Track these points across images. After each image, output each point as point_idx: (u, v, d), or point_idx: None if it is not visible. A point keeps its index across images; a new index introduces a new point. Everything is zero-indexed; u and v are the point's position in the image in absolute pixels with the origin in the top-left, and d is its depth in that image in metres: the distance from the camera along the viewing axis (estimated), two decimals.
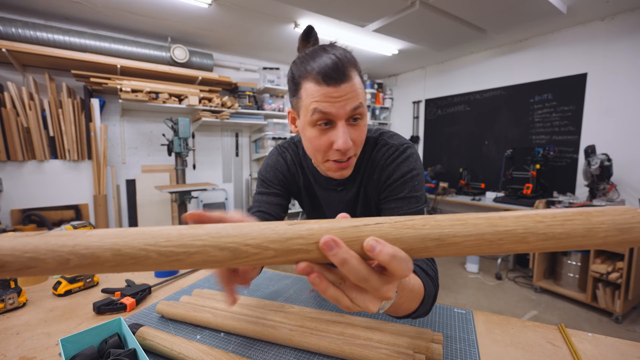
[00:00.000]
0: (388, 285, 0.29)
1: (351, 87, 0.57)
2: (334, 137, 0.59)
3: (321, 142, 0.60)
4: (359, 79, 0.60)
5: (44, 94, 2.82)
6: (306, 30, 0.66)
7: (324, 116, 0.58)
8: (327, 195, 0.79)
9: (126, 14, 2.77)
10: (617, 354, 0.61)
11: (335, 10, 2.59)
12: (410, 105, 4.83)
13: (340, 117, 0.58)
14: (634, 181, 2.77)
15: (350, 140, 0.59)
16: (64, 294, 0.90)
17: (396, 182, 0.67)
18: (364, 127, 0.62)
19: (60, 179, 2.88)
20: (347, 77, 0.56)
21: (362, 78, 0.62)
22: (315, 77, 0.56)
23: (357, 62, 0.61)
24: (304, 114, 0.60)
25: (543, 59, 3.33)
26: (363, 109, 0.60)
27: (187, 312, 0.74)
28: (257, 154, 4.16)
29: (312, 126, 0.60)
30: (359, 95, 0.58)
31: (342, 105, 0.57)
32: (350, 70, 0.57)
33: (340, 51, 0.59)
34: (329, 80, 0.55)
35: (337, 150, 0.60)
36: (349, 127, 0.60)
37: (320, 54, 0.58)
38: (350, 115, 0.58)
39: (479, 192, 3.79)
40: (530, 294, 2.86)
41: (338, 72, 0.55)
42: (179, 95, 3.24)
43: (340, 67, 0.56)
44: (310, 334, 0.65)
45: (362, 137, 0.62)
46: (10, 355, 0.63)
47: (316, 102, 0.57)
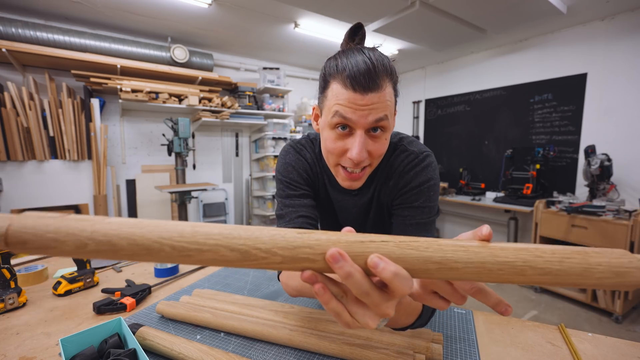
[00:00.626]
0: (388, 302, 0.30)
1: (379, 97, 0.53)
2: (350, 145, 0.56)
3: (336, 146, 0.58)
4: (391, 90, 0.56)
5: (44, 94, 2.82)
6: (354, 26, 0.61)
7: (344, 121, 0.55)
8: (340, 199, 0.76)
9: (126, 14, 2.77)
10: (617, 354, 0.61)
11: (335, 10, 2.59)
12: (410, 105, 4.83)
13: (359, 126, 0.55)
14: (634, 181, 2.77)
15: (365, 152, 0.56)
16: (64, 294, 0.90)
17: (412, 191, 0.66)
18: (384, 140, 0.58)
19: (60, 179, 2.88)
20: (377, 86, 0.53)
21: (395, 89, 0.58)
22: (344, 79, 0.53)
23: (394, 72, 0.57)
24: (326, 113, 0.58)
25: (543, 59, 3.33)
26: (387, 122, 0.56)
27: (187, 312, 0.74)
28: (257, 154, 4.16)
29: (330, 128, 0.58)
30: (386, 108, 0.54)
31: (365, 114, 0.53)
32: (383, 80, 0.53)
33: (377, 55, 0.55)
34: (357, 86, 0.52)
35: (350, 159, 0.57)
36: (368, 137, 0.56)
37: (355, 55, 0.54)
38: (371, 126, 0.55)
39: (479, 192, 3.78)
40: (530, 294, 2.86)
41: (368, 79, 0.52)
42: (179, 95, 3.24)
43: (372, 74, 0.52)
44: (310, 334, 0.65)
45: (381, 150, 0.58)
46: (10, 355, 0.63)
47: (339, 104, 0.54)
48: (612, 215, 2.41)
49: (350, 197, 0.75)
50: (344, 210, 0.78)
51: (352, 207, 0.76)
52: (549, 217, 2.74)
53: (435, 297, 0.36)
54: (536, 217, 2.83)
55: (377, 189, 0.73)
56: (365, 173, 0.61)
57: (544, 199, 2.93)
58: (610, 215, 2.42)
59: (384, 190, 0.72)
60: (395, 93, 0.59)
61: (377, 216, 0.76)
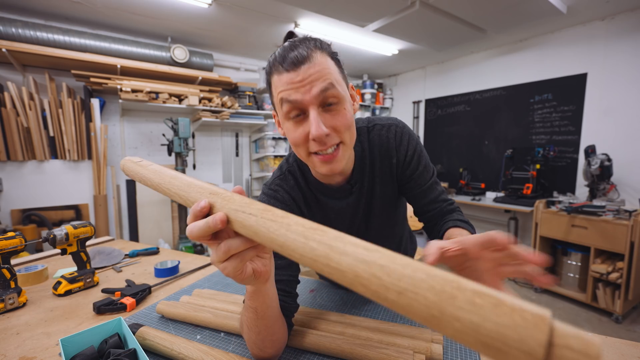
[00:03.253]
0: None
1: (314, 67, 0.52)
2: (308, 127, 0.54)
3: (297, 134, 0.55)
4: (328, 60, 0.55)
5: (44, 94, 2.82)
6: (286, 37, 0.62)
7: (292, 105, 0.53)
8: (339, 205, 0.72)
9: (126, 14, 2.77)
10: (617, 354, 0.61)
11: (335, 10, 2.59)
12: (410, 105, 4.83)
13: (309, 103, 0.53)
14: (634, 181, 2.77)
15: (324, 127, 0.53)
16: (64, 294, 0.90)
17: (413, 158, 0.70)
18: (344, 110, 0.56)
19: (60, 179, 2.88)
20: (306, 57, 0.52)
21: (335, 60, 0.57)
22: (276, 67, 0.53)
23: (325, 45, 0.56)
24: (278, 109, 0.57)
25: (543, 59, 3.33)
26: (336, 91, 0.53)
27: (187, 312, 0.74)
28: (257, 154, 4.16)
29: (286, 119, 0.56)
30: (326, 75, 0.53)
31: (308, 89, 0.52)
32: (312, 51, 0.53)
33: (299, 38, 0.56)
34: (288, 65, 0.52)
35: (314, 141, 0.54)
36: (324, 113, 0.54)
37: (284, 49, 0.54)
38: (321, 99, 0.53)
39: (479, 192, 3.78)
40: (530, 294, 2.86)
41: (297, 54, 0.52)
42: (179, 95, 3.24)
43: (299, 48, 0.52)
44: (311, 334, 0.65)
45: (344, 121, 0.55)
46: (10, 355, 0.63)
47: (281, 92, 0.53)
48: (612, 215, 2.41)
49: (352, 197, 0.71)
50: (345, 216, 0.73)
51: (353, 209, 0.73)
52: (549, 217, 2.74)
53: None
54: (536, 217, 2.83)
55: (372, 176, 0.71)
56: (340, 151, 0.57)
57: (544, 199, 2.93)
58: (610, 215, 2.42)
59: (385, 171, 0.71)
60: (337, 64, 0.57)
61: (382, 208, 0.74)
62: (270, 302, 0.51)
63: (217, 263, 0.38)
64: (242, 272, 0.40)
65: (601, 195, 2.75)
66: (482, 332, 0.20)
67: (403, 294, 0.23)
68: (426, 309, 0.22)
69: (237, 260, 0.37)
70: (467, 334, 0.20)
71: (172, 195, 0.40)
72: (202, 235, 0.35)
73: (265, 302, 0.50)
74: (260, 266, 0.43)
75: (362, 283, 0.25)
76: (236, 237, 0.37)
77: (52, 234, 0.89)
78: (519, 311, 0.20)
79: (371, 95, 4.83)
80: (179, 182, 0.40)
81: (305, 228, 0.30)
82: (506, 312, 0.20)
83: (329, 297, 0.90)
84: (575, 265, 2.68)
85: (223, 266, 0.38)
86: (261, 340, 0.55)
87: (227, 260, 0.37)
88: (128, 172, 0.49)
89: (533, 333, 0.19)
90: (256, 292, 0.48)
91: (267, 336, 0.55)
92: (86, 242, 0.96)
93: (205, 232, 0.35)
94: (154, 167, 0.46)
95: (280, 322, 0.56)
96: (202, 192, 0.37)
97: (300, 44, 0.54)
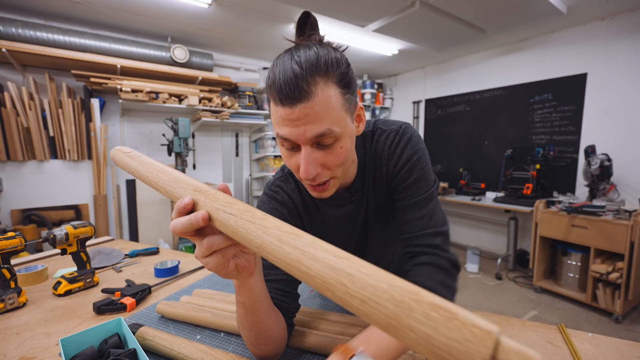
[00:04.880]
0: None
1: (311, 107, 0.46)
2: (300, 162, 0.51)
3: (290, 163, 0.54)
4: (331, 91, 0.48)
5: (44, 94, 2.82)
6: (301, 17, 0.54)
7: (284, 141, 0.51)
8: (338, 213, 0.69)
9: (126, 14, 2.77)
10: (617, 354, 0.61)
11: (335, 10, 2.59)
12: (410, 105, 4.83)
13: (301, 143, 0.50)
14: (634, 181, 2.77)
15: (314, 167, 0.50)
16: (64, 294, 0.90)
17: (404, 168, 0.62)
18: (339, 149, 0.51)
19: (60, 179, 2.88)
20: (305, 94, 0.46)
21: (342, 84, 0.50)
22: (274, 94, 0.48)
23: (331, 66, 0.48)
24: (275, 132, 0.54)
25: (543, 59, 3.33)
26: (333, 134, 0.49)
27: (187, 312, 0.74)
28: (257, 154, 4.16)
29: (281, 146, 0.54)
30: (324, 118, 0.47)
31: (302, 131, 0.48)
32: (313, 84, 0.46)
33: (304, 57, 0.47)
34: (284, 100, 0.47)
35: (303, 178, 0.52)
36: (317, 150, 0.51)
37: (284, 61, 0.48)
38: (315, 141, 0.49)
39: (479, 192, 3.78)
40: (530, 294, 2.86)
41: (293, 89, 0.45)
42: (179, 95, 3.24)
43: (299, 80, 0.45)
44: (310, 334, 0.65)
45: (337, 160, 0.52)
46: (10, 355, 0.63)
47: (277, 124, 0.50)
48: (612, 215, 2.41)
49: (352, 205, 0.69)
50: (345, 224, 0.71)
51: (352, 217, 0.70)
52: (549, 217, 2.74)
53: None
54: (536, 217, 2.83)
55: (372, 183, 0.68)
56: (330, 184, 0.55)
57: (544, 199, 2.93)
58: (610, 215, 2.42)
59: (379, 181, 0.67)
60: (344, 89, 0.50)
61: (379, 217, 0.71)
62: (257, 297, 0.50)
63: (200, 258, 0.39)
64: (224, 267, 0.41)
65: (601, 195, 2.75)
66: (434, 344, 0.21)
67: (366, 302, 0.24)
68: (386, 318, 0.23)
69: (219, 256, 0.39)
70: (420, 345, 0.22)
71: (159, 189, 0.42)
72: (185, 231, 0.36)
73: (252, 296, 0.50)
74: (244, 261, 0.44)
75: (329, 289, 0.26)
76: (219, 234, 0.38)
77: (52, 234, 0.89)
78: (469, 326, 0.21)
79: (371, 95, 4.83)
80: (166, 176, 0.41)
81: (282, 232, 0.30)
82: (457, 327, 0.21)
83: None
84: (575, 265, 2.68)
85: (205, 261, 0.39)
86: (254, 336, 0.55)
87: (210, 255, 0.39)
88: (117, 162, 0.49)
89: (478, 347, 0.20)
90: (241, 287, 0.48)
91: (259, 332, 0.54)
92: (86, 242, 0.96)
93: (187, 228, 0.36)
94: (142, 159, 0.46)
95: (272, 318, 0.55)
96: (187, 188, 0.38)
97: (301, 64, 0.46)
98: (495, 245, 3.87)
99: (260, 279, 0.51)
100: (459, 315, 0.21)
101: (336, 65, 0.49)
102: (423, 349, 0.22)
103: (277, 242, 0.30)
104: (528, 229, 3.43)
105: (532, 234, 2.89)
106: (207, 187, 0.38)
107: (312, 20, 0.54)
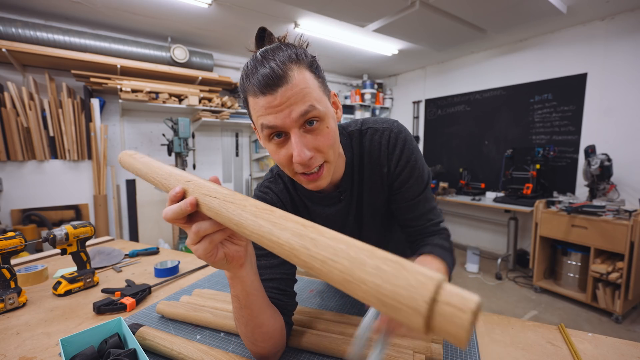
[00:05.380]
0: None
1: (291, 88, 0.48)
2: (291, 149, 0.52)
3: (280, 156, 0.54)
4: (308, 74, 0.51)
5: (44, 94, 2.82)
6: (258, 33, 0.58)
7: (272, 130, 0.51)
8: (327, 212, 0.69)
9: (126, 14, 2.77)
10: (617, 354, 0.61)
11: (335, 10, 2.59)
12: (410, 105, 4.83)
13: (289, 127, 0.50)
14: (634, 181, 2.77)
15: (307, 151, 0.51)
16: (64, 294, 0.90)
17: (406, 168, 0.65)
18: (326, 129, 0.53)
19: (60, 179, 2.88)
20: (282, 79, 0.48)
21: (314, 70, 0.53)
22: (252, 88, 0.50)
23: (300, 55, 0.52)
24: (258, 130, 0.55)
25: (543, 59, 3.33)
26: (317, 111, 0.51)
27: (187, 312, 0.75)
28: (257, 154, 4.16)
29: (268, 141, 0.54)
30: (305, 97, 0.50)
31: (287, 113, 0.49)
32: (289, 69, 0.49)
33: (275, 47, 0.52)
34: (264, 88, 0.48)
35: (297, 164, 0.53)
36: (306, 134, 0.52)
37: (254, 59, 0.51)
38: (302, 122, 0.51)
39: (479, 192, 3.78)
40: (530, 294, 2.86)
41: (271, 76, 0.48)
42: (179, 95, 3.24)
43: (275, 69, 0.48)
44: (310, 334, 0.65)
45: (327, 141, 0.53)
46: (10, 355, 0.63)
47: (260, 116, 0.51)
48: (612, 215, 2.41)
49: (341, 205, 0.69)
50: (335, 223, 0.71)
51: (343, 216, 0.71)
52: (549, 217, 2.74)
53: None
54: (536, 217, 2.83)
55: (364, 181, 0.68)
56: (324, 170, 0.56)
57: (544, 199, 2.93)
58: (610, 215, 2.42)
59: (375, 179, 0.67)
60: (316, 74, 0.53)
61: (373, 215, 0.72)
62: (250, 290, 0.51)
63: (191, 245, 0.41)
64: (212, 255, 0.42)
65: (601, 195, 2.75)
66: (382, 292, 0.23)
67: (325, 262, 0.26)
68: (342, 275, 0.25)
69: (207, 241, 0.41)
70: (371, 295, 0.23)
71: (157, 183, 0.45)
72: (175, 217, 0.39)
73: (244, 289, 0.50)
74: (233, 251, 0.45)
75: (295, 254, 0.28)
76: (207, 220, 0.40)
77: (52, 234, 0.89)
78: (414, 274, 0.22)
79: (371, 95, 4.83)
80: (163, 171, 0.45)
81: (258, 209, 0.33)
82: (404, 276, 0.22)
83: (329, 297, 0.90)
84: (575, 265, 2.68)
85: (195, 248, 0.41)
86: (250, 332, 0.55)
87: (199, 242, 0.41)
88: (124, 164, 0.54)
89: (421, 291, 0.21)
90: (233, 278, 0.49)
91: (255, 328, 0.54)
92: (86, 242, 0.96)
93: (178, 214, 0.38)
94: (144, 159, 0.51)
95: (268, 314, 0.55)
96: (180, 179, 0.41)
97: (273, 57, 0.49)
98: (495, 245, 3.87)
99: (252, 272, 0.51)
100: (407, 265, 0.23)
101: (303, 55, 0.53)
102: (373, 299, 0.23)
103: (253, 217, 0.32)
104: (528, 229, 3.43)
105: (532, 234, 2.89)
106: (197, 178, 0.41)
107: (268, 33, 0.58)
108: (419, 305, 0.21)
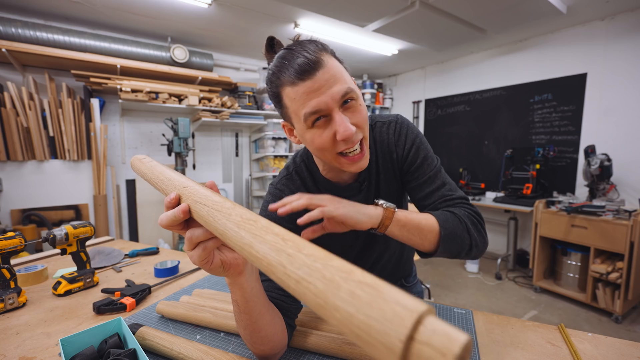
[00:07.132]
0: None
1: (328, 71, 0.53)
2: (334, 128, 0.55)
3: (324, 139, 0.57)
4: (336, 61, 0.56)
5: (44, 94, 2.82)
6: (267, 41, 0.62)
7: (316, 114, 0.54)
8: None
9: (126, 14, 2.77)
10: (617, 354, 0.61)
11: (335, 10, 2.59)
12: (410, 105, 4.83)
13: (332, 107, 0.54)
14: (634, 181, 2.77)
15: (350, 126, 0.55)
16: (64, 294, 0.90)
17: (411, 150, 0.69)
18: (360, 107, 0.58)
19: (60, 179, 2.88)
20: (318, 64, 0.52)
21: (339, 60, 0.59)
22: (291, 78, 0.53)
23: (326, 46, 0.57)
24: (297, 121, 0.58)
25: (543, 59, 3.33)
26: (353, 92, 0.56)
27: (187, 312, 0.74)
28: (257, 154, 4.16)
29: (310, 128, 0.57)
30: (341, 78, 0.54)
31: (330, 94, 0.53)
32: (321, 56, 0.54)
33: (302, 40, 0.57)
34: (303, 75, 0.52)
35: (343, 141, 0.56)
36: (345, 112, 0.56)
37: (284, 54, 0.55)
38: (341, 102, 0.55)
39: (479, 192, 3.78)
40: (530, 294, 2.86)
41: (309, 63, 0.52)
42: (179, 95, 3.24)
43: (309, 57, 0.52)
44: (310, 334, 0.65)
45: (363, 117, 0.59)
46: (10, 355, 0.63)
47: (302, 104, 0.54)
48: (612, 215, 2.41)
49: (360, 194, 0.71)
50: None
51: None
52: (548, 217, 2.74)
53: None
54: (536, 217, 2.83)
55: (379, 171, 0.71)
56: (364, 148, 0.60)
57: (543, 199, 2.93)
58: (610, 215, 2.42)
59: (388, 167, 0.71)
60: (340, 61, 0.59)
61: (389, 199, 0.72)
62: (249, 297, 0.50)
63: (187, 251, 0.42)
64: (208, 262, 0.42)
65: (601, 195, 2.75)
66: (355, 324, 0.20)
67: (300, 282, 0.23)
68: (315, 298, 0.22)
69: (201, 249, 0.41)
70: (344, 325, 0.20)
71: (158, 188, 0.46)
72: (170, 224, 0.39)
73: (244, 295, 0.50)
74: (231, 258, 0.45)
75: (272, 270, 0.26)
76: (200, 227, 0.40)
77: (52, 234, 0.89)
78: (391, 304, 0.19)
79: (371, 95, 4.83)
80: (163, 177, 0.45)
81: (242, 219, 0.32)
82: (380, 305, 0.19)
83: None
84: (575, 265, 2.68)
85: (190, 254, 0.41)
86: (249, 335, 0.55)
87: (194, 249, 0.41)
88: (134, 169, 0.55)
89: (396, 327, 0.18)
90: (233, 285, 0.49)
91: (253, 332, 0.54)
92: (86, 242, 0.96)
93: (171, 221, 0.39)
94: (151, 163, 0.51)
95: (267, 319, 0.55)
96: (176, 185, 0.41)
97: (302, 49, 0.53)
98: (495, 245, 3.87)
99: (253, 279, 0.51)
100: (384, 293, 0.20)
101: (327, 47, 0.58)
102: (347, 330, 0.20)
103: (235, 228, 0.31)
104: (528, 229, 3.43)
105: (532, 234, 2.89)
106: (193, 184, 0.41)
107: (277, 41, 0.62)
108: (393, 344, 0.18)
